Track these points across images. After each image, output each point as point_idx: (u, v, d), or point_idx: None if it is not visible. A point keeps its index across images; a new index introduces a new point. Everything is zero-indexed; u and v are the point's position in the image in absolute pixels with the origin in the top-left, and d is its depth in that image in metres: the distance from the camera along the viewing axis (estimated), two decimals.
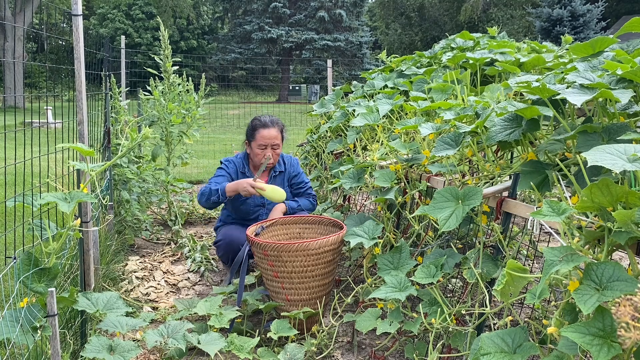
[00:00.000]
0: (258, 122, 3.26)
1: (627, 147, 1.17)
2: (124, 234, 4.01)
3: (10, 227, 3.74)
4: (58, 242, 1.87)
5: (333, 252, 2.60)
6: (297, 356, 2.28)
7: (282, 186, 3.34)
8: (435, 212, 1.75)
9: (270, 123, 3.25)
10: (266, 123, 3.25)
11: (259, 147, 3.23)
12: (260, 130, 3.23)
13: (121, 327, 2.10)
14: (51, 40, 3.62)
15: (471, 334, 1.83)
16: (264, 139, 3.22)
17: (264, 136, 3.22)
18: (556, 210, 1.27)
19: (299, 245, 2.50)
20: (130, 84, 7.26)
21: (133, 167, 4.11)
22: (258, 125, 3.25)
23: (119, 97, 4.22)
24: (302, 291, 2.61)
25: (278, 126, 3.28)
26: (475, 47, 3.33)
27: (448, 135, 1.96)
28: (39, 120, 4.69)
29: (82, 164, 1.99)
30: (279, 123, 3.30)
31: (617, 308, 0.96)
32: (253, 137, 3.25)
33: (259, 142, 3.22)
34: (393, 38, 34.25)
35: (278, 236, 3.05)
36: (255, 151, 3.25)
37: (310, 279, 2.58)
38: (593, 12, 18.73)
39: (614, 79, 1.60)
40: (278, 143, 3.26)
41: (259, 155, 3.24)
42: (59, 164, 2.81)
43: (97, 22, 32.16)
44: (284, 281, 2.58)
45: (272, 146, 3.24)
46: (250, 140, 3.29)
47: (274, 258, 2.54)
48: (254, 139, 3.24)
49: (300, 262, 2.53)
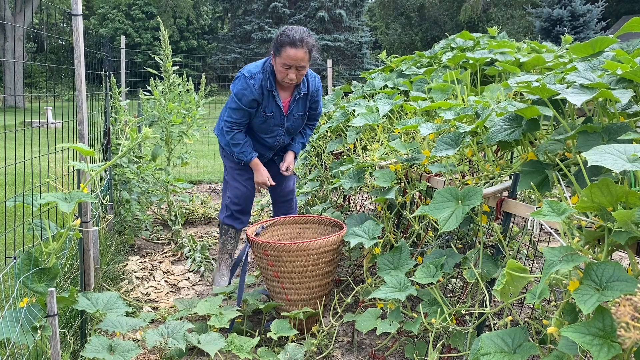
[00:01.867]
0: (286, 39, 2.89)
1: (627, 147, 1.17)
2: (124, 234, 4.01)
3: (10, 227, 3.74)
4: (58, 242, 1.87)
5: (333, 252, 2.60)
6: (297, 356, 2.28)
7: (305, 107, 3.18)
8: (435, 212, 1.75)
9: (299, 42, 2.88)
10: (295, 41, 2.87)
11: (282, 65, 2.92)
12: (287, 48, 2.88)
13: (121, 327, 2.10)
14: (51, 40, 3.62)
15: (471, 334, 1.83)
16: (290, 59, 2.89)
17: (290, 56, 2.88)
18: (556, 210, 1.27)
19: (299, 245, 2.50)
20: (130, 84, 7.26)
21: (133, 167, 4.11)
22: (286, 41, 2.89)
23: (119, 97, 4.22)
24: (302, 291, 2.61)
25: (307, 46, 2.91)
26: (475, 47, 3.33)
27: (448, 135, 1.96)
28: (39, 120, 4.68)
29: (82, 164, 1.99)
30: (309, 42, 2.93)
31: (617, 308, 0.96)
32: (278, 53, 2.92)
33: (284, 60, 2.90)
34: (393, 38, 34.24)
35: (278, 236, 3.05)
36: (279, 68, 2.95)
37: (311, 279, 2.58)
38: (593, 12, 18.72)
39: (614, 79, 1.60)
40: (304, 65, 2.94)
41: (282, 74, 2.95)
42: (59, 164, 2.81)
43: (97, 22, 32.16)
44: (284, 281, 2.59)
45: (297, 67, 2.93)
46: (276, 54, 2.96)
47: (274, 258, 2.54)
48: (279, 55, 2.92)
49: (301, 262, 2.53)
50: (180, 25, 33.18)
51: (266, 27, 30.17)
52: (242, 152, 3.12)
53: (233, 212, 3.30)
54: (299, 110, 3.15)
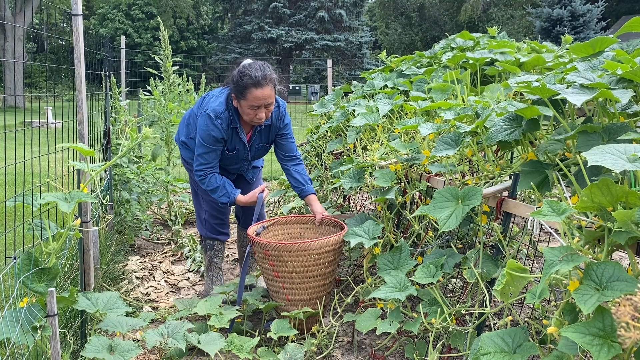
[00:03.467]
0: (249, 80, 2.68)
1: (627, 147, 1.17)
2: (124, 234, 4.01)
3: (10, 227, 3.73)
4: (58, 242, 1.87)
5: (334, 252, 2.60)
6: (297, 356, 2.28)
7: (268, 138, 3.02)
8: (435, 212, 1.75)
9: (264, 80, 2.68)
10: (259, 81, 2.68)
11: (250, 107, 2.73)
12: (251, 90, 2.68)
13: (121, 327, 2.10)
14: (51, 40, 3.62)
15: (471, 334, 1.83)
16: (257, 100, 2.70)
17: (257, 97, 2.69)
18: (556, 210, 1.27)
19: (300, 245, 2.50)
20: (130, 84, 7.26)
21: (133, 167, 4.11)
22: (249, 83, 2.68)
23: (119, 97, 4.22)
24: (302, 291, 2.61)
25: (272, 82, 2.73)
26: (475, 47, 3.33)
27: (448, 135, 1.96)
28: (39, 120, 4.68)
29: (82, 164, 1.99)
30: (272, 78, 2.74)
31: (617, 308, 0.96)
32: (243, 97, 2.72)
33: (251, 103, 2.71)
34: (393, 38, 34.26)
35: (279, 236, 3.05)
36: (246, 111, 2.76)
37: (311, 279, 2.58)
38: (593, 12, 18.73)
39: (614, 79, 1.60)
40: (272, 101, 2.77)
41: (251, 115, 2.76)
42: (59, 164, 2.81)
43: (97, 22, 32.16)
44: (285, 281, 2.59)
45: (265, 105, 2.74)
46: (239, 98, 2.76)
47: (275, 258, 2.54)
48: (244, 98, 2.72)
49: (301, 262, 2.53)
50: (180, 25, 33.18)
51: (266, 27, 30.17)
52: (223, 194, 2.89)
53: (214, 226, 3.13)
54: (261, 142, 3.00)
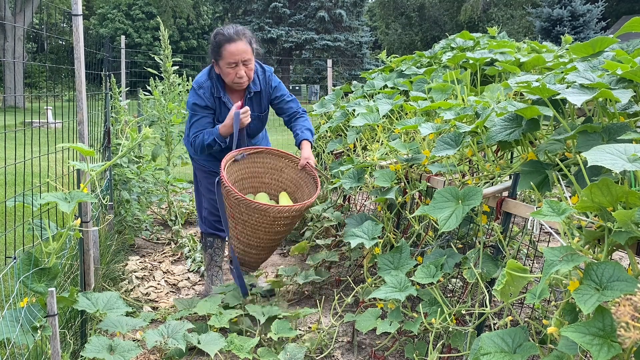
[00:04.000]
0: (222, 37, 2.76)
1: (627, 147, 1.17)
2: (124, 234, 4.01)
3: (10, 227, 3.73)
4: (58, 242, 1.87)
5: (293, 217, 2.60)
6: (297, 356, 2.28)
7: (260, 107, 2.99)
8: (435, 212, 1.75)
9: (236, 35, 2.75)
10: (231, 36, 2.74)
11: (228, 65, 2.77)
12: (225, 46, 2.74)
13: (121, 327, 2.10)
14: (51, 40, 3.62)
15: (471, 334, 1.83)
16: (233, 56, 2.74)
17: (232, 52, 2.74)
18: (556, 210, 1.27)
19: (258, 206, 2.48)
20: (130, 84, 7.26)
21: (133, 167, 4.11)
22: (222, 40, 2.75)
23: (119, 97, 4.22)
24: (251, 238, 2.62)
25: (246, 37, 2.79)
26: (475, 47, 3.33)
27: (448, 135, 1.96)
28: (39, 120, 4.68)
29: (82, 164, 1.99)
30: (246, 34, 2.80)
31: (617, 308, 0.96)
32: (220, 55, 2.78)
33: (228, 60, 2.75)
34: (393, 38, 34.26)
35: (257, 164, 2.94)
36: (226, 71, 2.79)
37: (262, 233, 2.59)
38: (593, 12, 18.74)
39: (614, 79, 1.60)
40: (249, 58, 2.79)
41: (231, 75, 2.79)
42: (59, 164, 2.81)
43: (97, 22, 32.17)
44: (237, 224, 2.60)
45: (242, 62, 2.77)
46: (217, 59, 2.81)
47: (234, 205, 2.54)
48: (221, 57, 2.77)
49: (257, 219, 2.53)
50: (180, 25, 33.19)
51: (266, 27, 30.16)
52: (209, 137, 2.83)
53: (213, 223, 3.13)
54: (253, 111, 2.95)
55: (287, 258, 3.90)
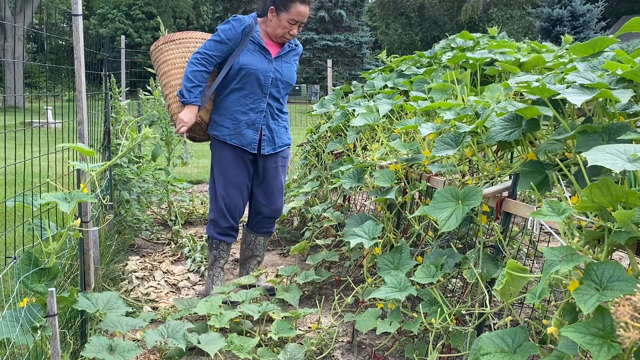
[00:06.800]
0: None
1: (627, 147, 1.17)
2: (124, 234, 4.01)
3: (10, 227, 3.73)
4: (58, 242, 1.87)
5: None
6: (297, 356, 2.28)
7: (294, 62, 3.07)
8: (435, 212, 1.75)
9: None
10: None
11: (289, 21, 2.84)
12: (297, 4, 2.81)
13: (121, 327, 2.10)
14: (51, 40, 3.62)
15: (471, 334, 1.83)
16: (299, 15, 2.83)
17: (300, 12, 2.83)
18: (556, 210, 1.27)
19: None
20: (130, 84, 7.27)
21: (133, 167, 4.11)
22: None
23: (119, 97, 4.22)
24: None
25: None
26: (475, 47, 3.33)
27: (448, 135, 1.96)
28: (39, 120, 4.68)
29: (82, 164, 1.99)
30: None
31: (616, 308, 0.96)
32: (286, 9, 2.82)
33: (293, 16, 2.83)
34: (393, 38, 34.27)
35: None
36: (284, 24, 2.85)
37: None
38: (593, 12, 18.75)
39: (614, 79, 1.60)
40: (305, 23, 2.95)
41: (285, 30, 2.87)
42: (59, 164, 2.81)
43: (97, 22, 32.17)
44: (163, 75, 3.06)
45: (301, 24, 2.89)
46: (279, 10, 2.85)
47: None
48: (287, 10, 2.82)
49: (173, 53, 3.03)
50: (180, 25, 33.18)
51: None
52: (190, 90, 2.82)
53: (224, 228, 3.06)
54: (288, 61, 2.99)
55: (287, 258, 3.90)
